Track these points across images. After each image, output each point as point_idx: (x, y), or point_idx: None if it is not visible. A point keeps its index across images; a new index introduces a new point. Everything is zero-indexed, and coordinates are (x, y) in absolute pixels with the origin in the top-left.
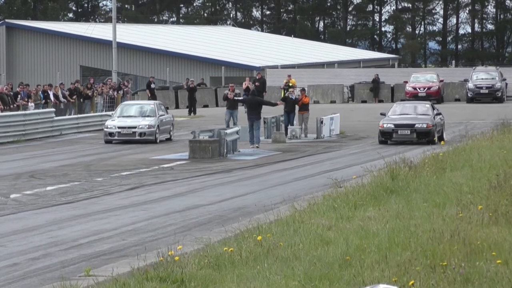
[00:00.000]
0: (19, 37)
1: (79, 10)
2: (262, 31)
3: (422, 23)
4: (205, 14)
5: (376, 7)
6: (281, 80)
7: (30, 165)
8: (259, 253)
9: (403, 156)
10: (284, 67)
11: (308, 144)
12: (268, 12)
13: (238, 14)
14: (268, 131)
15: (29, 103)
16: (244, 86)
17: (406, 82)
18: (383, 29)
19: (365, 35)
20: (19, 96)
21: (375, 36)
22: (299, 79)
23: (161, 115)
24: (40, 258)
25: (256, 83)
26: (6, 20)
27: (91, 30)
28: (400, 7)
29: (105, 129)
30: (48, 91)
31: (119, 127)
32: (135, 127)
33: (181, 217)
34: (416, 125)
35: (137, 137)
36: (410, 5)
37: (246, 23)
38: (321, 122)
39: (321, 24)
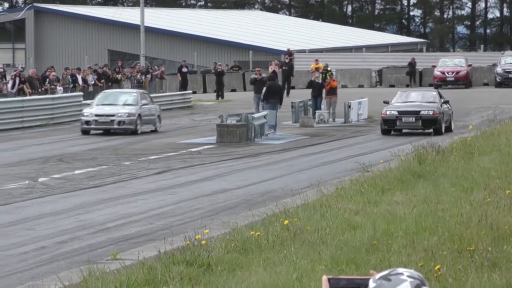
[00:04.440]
0: (47, 21)
1: None
2: (290, 15)
3: (451, 7)
4: None
5: None
6: (309, 65)
7: (58, 148)
8: (285, 237)
9: (430, 140)
10: (312, 51)
11: (335, 128)
12: None
13: None
14: (296, 115)
15: (58, 87)
16: (270, 69)
17: (435, 66)
18: (411, 13)
19: (393, 19)
20: (47, 80)
21: (403, 20)
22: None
23: (144, 105)
24: (68, 242)
25: (284, 67)
26: (35, 4)
27: (119, 14)
28: None
29: (82, 117)
30: (77, 75)
31: (96, 115)
32: (113, 115)
33: (208, 201)
34: (422, 112)
35: (115, 126)
36: None
37: (274, 7)
38: (349, 107)
39: (349, 8)
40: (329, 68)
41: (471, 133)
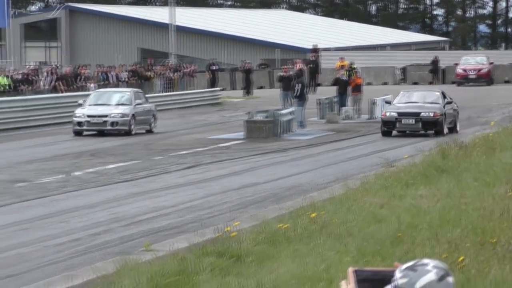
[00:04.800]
0: (80, 20)
1: None
2: (315, 14)
3: (472, 6)
4: None
5: None
6: (334, 62)
7: (91, 144)
8: (313, 229)
9: (453, 136)
10: (337, 49)
11: (361, 124)
12: None
13: None
14: (322, 111)
15: (91, 84)
16: (296, 68)
17: (457, 64)
18: (434, 12)
19: (416, 18)
20: (79, 77)
21: (426, 20)
22: (351, 62)
23: (138, 104)
24: (101, 234)
25: (310, 65)
26: (68, 4)
27: (150, 13)
28: None
29: (74, 118)
30: (108, 73)
31: (88, 116)
32: (106, 116)
33: (237, 195)
34: (422, 113)
35: (108, 127)
36: None
37: (300, 7)
38: (374, 103)
39: (373, 7)
40: (354, 66)
41: (493, 129)
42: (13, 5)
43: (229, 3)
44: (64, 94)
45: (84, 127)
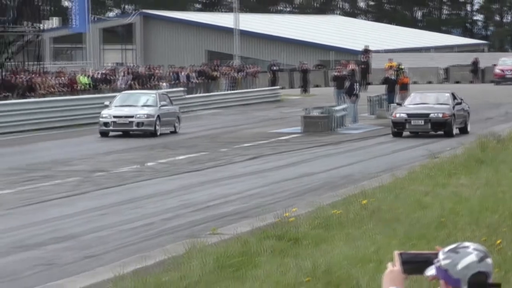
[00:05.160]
0: (153, 25)
1: (206, 1)
2: (366, 19)
3: (509, 12)
4: (317, 5)
5: None
6: (383, 63)
7: (163, 137)
8: (364, 215)
9: (491, 130)
10: (386, 51)
11: None
12: (372, 3)
13: (346, 4)
14: (372, 108)
15: (163, 83)
16: (349, 68)
17: (495, 65)
18: (474, 18)
19: (458, 23)
20: (152, 77)
21: (467, 24)
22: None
23: (163, 106)
24: (172, 219)
25: (362, 65)
26: (142, 10)
27: (216, 19)
28: None
29: (100, 119)
30: (178, 73)
31: (114, 116)
32: (132, 116)
33: (295, 183)
34: (431, 114)
35: (134, 127)
36: None
37: (352, 13)
38: None
39: (419, 13)
40: (402, 67)
41: None
42: (93, 11)
43: (288, 9)
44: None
45: (111, 128)
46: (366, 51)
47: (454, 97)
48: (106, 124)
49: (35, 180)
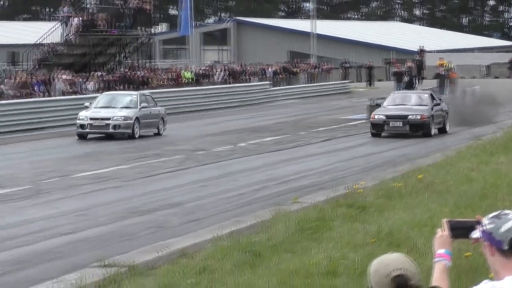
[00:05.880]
0: (245, 29)
1: (288, 10)
2: (421, 25)
3: None
4: (380, 13)
5: (505, 7)
6: (435, 61)
7: (252, 122)
8: (420, 187)
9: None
10: (438, 51)
11: None
12: (426, 11)
13: (404, 13)
14: None
15: (252, 78)
16: (407, 65)
17: None
18: (510, 24)
19: (497, 28)
20: (244, 73)
21: (505, 29)
22: (448, 61)
23: (143, 107)
24: (260, 190)
25: (417, 63)
26: (236, 18)
27: (297, 24)
28: None
29: (77, 121)
30: (265, 69)
31: (91, 119)
32: (109, 119)
33: (362, 161)
34: (409, 116)
35: (111, 130)
36: None
37: (409, 19)
38: (465, 92)
39: (465, 20)
40: (451, 65)
41: None
42: (195, 18)
43: (356, 17)
44: (233, 85)
45: (87, 130)
46: (421, 51)
47: (433, 97)
48: (82, 126)
49: (147, 158)
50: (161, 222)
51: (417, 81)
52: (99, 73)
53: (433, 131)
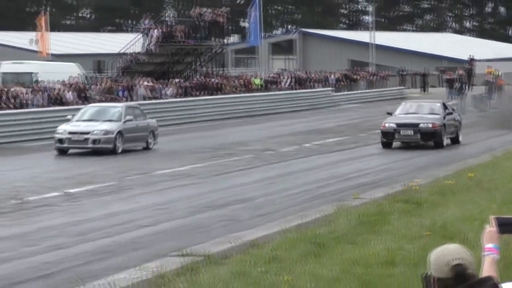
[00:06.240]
0: (310, 40)
1: (349, 22)
2: (471, 36)
3: None
4: (433, 25)
5: None
6: (484, 69)
7: (316, 125)
8: (470, 185)
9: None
10: (487, 60)
11: None
12: (475, 24)
13: (456, 25)
14: (476, 103)
15: (316, 85)
16: (457, 73)
17: None
18: None
19: None
20: (308, 79)
21: None
22: (496, 69)
23: (128, 120)
24: (323, 186)
25: (467, 71)
26: (301, 29)
27: (357, 35)
28: None
29: (55, 135)
30: (328, 76)
31: (69, 132)
32: (88, 133)
33: (417, 160)
34: (421, 124)
35: (90, 145)
36: None
37: (460, 31)
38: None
39: (511, 31)
40: (499, 73)
41: None
42: (264, 30)
43: (411, 28)
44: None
45: (65, 145)
46: (471, 60)
47: (445, 107)
48: (61, 140)
49: (220, 157)
50: (233, 216)
51: (467, 87)
52: (177, 80)
53: (446, 141)
